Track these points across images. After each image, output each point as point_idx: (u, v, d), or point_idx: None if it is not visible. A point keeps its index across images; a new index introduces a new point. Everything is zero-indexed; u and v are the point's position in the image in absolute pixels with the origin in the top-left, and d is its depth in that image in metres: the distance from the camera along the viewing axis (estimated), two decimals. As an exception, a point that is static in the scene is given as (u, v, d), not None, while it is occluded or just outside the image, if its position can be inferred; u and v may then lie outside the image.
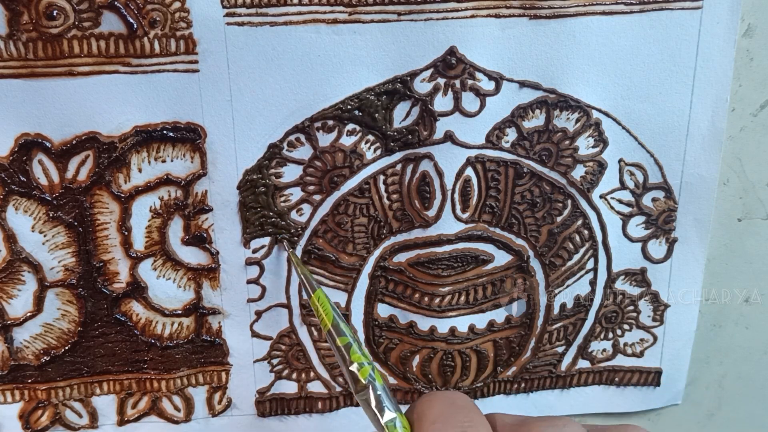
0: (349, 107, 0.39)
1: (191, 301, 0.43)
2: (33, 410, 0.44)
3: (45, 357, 0.43)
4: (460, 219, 0.43)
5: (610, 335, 0.48)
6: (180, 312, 0.43)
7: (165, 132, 0.39)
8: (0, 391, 0.43)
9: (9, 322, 0.42)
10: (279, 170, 0.41)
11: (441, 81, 0.39)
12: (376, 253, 0.43)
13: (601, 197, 0.44)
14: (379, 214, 0.42)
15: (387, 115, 0.40)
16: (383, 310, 0.45)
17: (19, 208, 0.39)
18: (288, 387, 0.46)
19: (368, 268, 0.43)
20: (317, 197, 0.41)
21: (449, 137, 0.41)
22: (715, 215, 0.45)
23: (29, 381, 0.43)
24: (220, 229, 0.41)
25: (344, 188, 0.41)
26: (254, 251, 0.42)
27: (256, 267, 0.42)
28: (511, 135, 0.41)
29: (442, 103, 0.40)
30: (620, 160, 0.43)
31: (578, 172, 0.43)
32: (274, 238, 0.42)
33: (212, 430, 0.46)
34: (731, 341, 0.50)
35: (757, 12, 0.41)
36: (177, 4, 0.36)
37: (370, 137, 0.40)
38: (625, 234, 0.45)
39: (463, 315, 0.45)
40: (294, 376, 0.46)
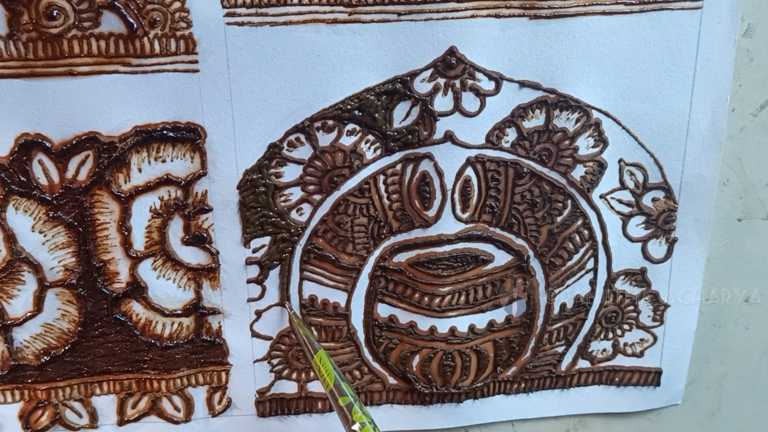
0: (349, 107, 0.39)
1: (191, 301, 0.43)
2: (33, 410, 0.44)
3: (45, 357, 0.43)
4: (460, 219, 0.43)
5: (610, 335, 0.48)
6: (180, 312, 0.43)
7: (165, 132, 0.39)
8: (0, 391, 0.43)
9: (9, 322, 0.42)
10: (279, 170, 0.41)
11: (441, 81, 0.39)
12: (376, 253, 0.43)
13: (601, 197, 0.44)
14: (379, 214, 0.42)
15: (387, 115, 0.40)
16: (383, 310, 0.45)
17: (19, 208, 0.39)
18: (288, 387, 0.46)
19: (368, 268, 0.43)
20: (317, 197, 0.41)
21: (449, 137, 0.41)
22: (715, 215, 0.45)
23: (29, 381, 0.43)
24: (220, 229, 0.41)
25: (344, 188, 0.41)
26: (254, 251, 0.42)
27: (256, 266, 0.42)
28: (511, 135, 0.41)
29: (442, 103, 0.40)
30: (620, 160, 0.43)
31: (578, 172, 0.43)
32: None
33: (212, 430, 0.46)
34: (731, 341, 0.50)
35: (757, 12, 0.41)
36: (177, 4, 0.36)
37: (370, 137, 0.40)
38: (625, 234, 0.45)
39: (463, 315, 0.45)
40: (294, 376, 0.46)
